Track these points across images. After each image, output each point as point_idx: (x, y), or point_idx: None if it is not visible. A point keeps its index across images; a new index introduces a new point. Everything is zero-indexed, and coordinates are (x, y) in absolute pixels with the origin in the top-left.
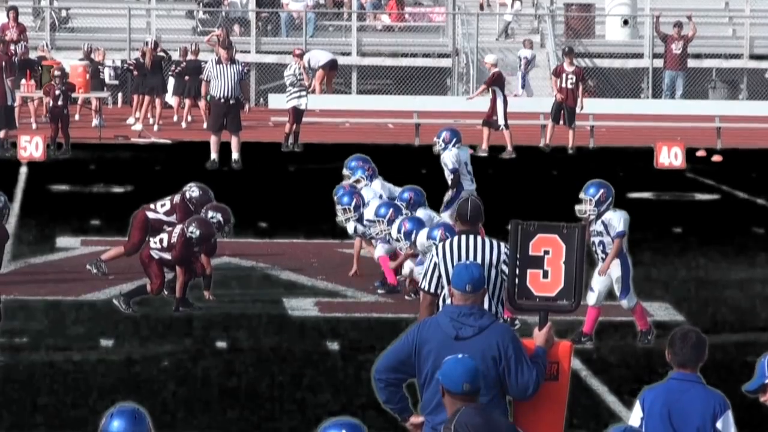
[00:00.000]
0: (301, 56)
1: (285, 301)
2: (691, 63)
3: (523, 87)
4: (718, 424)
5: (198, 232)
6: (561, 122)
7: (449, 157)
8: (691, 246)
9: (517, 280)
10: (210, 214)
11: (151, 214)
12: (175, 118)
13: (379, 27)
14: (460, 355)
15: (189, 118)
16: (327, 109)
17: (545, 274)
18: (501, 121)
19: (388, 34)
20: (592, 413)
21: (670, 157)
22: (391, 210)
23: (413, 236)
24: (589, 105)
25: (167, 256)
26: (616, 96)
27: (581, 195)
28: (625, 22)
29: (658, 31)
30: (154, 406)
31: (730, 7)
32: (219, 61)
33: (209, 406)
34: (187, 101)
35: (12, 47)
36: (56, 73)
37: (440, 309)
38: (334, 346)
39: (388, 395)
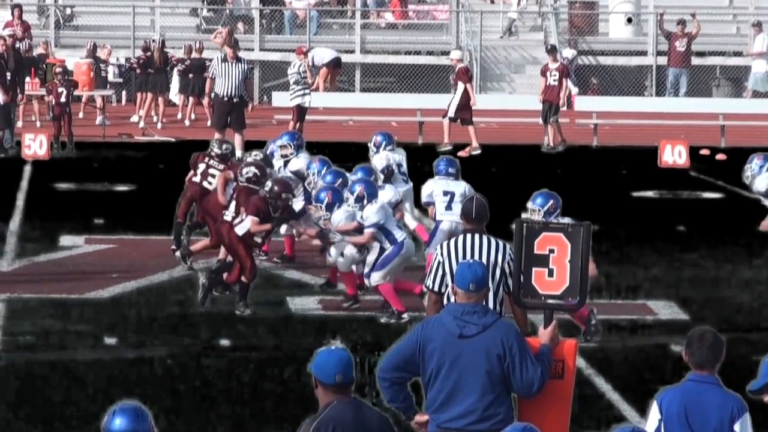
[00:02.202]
0: (305, 54)
1: (289, 300)
2: (695, 61)
3: (575, 85)
4: (736, 427)
5: (271, 186)
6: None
7: (378, 161)
8: (696, 245)
9: (522, 279)
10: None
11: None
12: (179, 116)
13: (382, 25)
14: (333, 346)
15: (193, 116)
16: (330, 107)
17: (550, 273)
18: (451, 114)
19: (391, 31)
20: (596, 412)
21: (674, 155)
22: (329, 193)
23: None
24: (593, 103)
25: (248, 224)
26: (619, 94)
27: (528, 204)
28: (629, 20)
29: (662, 29)
30: (158, 404)
31: (734, 5)
32: (225, 59)
33: (213, 405)
34: (191, 99)
35: (17, 45)
36: (58, 70)
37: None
38: (337, 343)
39: (392, 394)
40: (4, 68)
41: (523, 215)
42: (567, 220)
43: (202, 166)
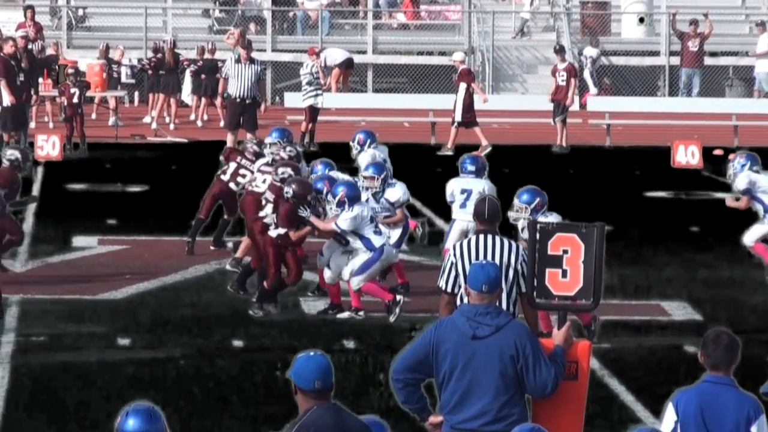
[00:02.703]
0: (317, 55)
1: (302, 301)
2: (708, 61)
3: (595, 85)
4: (753, 429)
5: (292, 190)
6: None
7: (364, 159)
8: (709, 245)
9: (536, 280)
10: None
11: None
12: (192, 117)
13: (394, 25)
14: (312, 353)
15: (205, 117)
16: (343, 108)
17: (564, 274)
18: (458, 118)
19: (403, 32)
20: (609, 413)
21: (687, 155)
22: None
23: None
24: (605, 103)
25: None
26: (632, 94)
27: (515, 201)
28: (641, 20)
29: (674, 29)
30: (171, 405)
31: (746, 5)
32: (238, 60)
33: (226, 406)
34: (204, 100)
35: (30, 46)
36: (70, 71)
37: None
38: (350, 345)
39: (406, 395)
40: (15, 69)
41: (509, 213)
42: (554, 216)
43: (233, 166)
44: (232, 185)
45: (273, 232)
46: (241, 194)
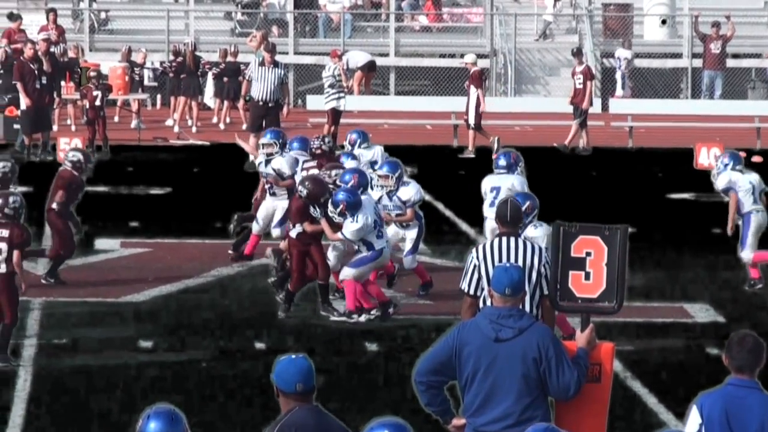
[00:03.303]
0: (339, 57)
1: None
2: (730, 63)
3: (623, 87)
4: None
5: (307, 190)
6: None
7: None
8: (732, 247)
9: (559, 282)
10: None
11: None
12: (215, 120)
13: (416, 28)
14: (294, 356)
15: (227, 120)
16: (365, 110)
17: (587, 276)
18: (471, 120)
19: (425, 34)
20: (632, 415)
21: (710, 157)
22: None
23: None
24: (628, 105)
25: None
26: (654, 96)
27: None
28: (663, 22)
29: (696, 31)
30: (193, 408)
31: None
32: (262, 63)
33: (248, 408)
34: (226, 103)
35: (52, 49)
36: (92, 75)
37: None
38: (373, 347)
39: (429, 398)
40: (34, 73)
41: None
42: (542, 228)
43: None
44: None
45: (293, 232)
46: None
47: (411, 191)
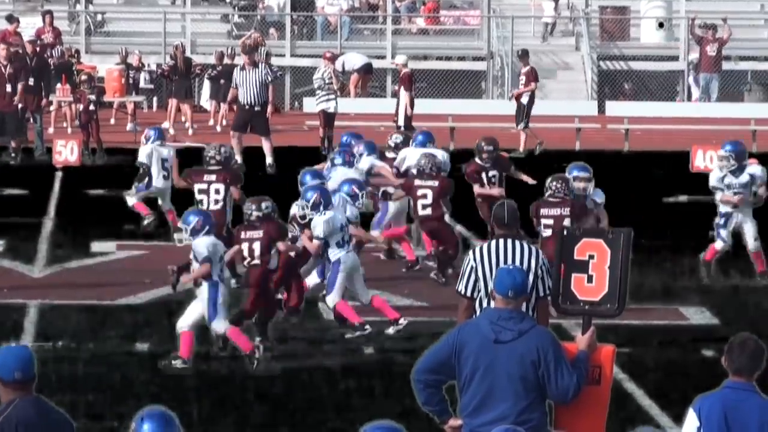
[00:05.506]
0: (331, 59)
1: (321, 305)
2: (726, 65)
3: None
4: None
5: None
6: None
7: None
8: (727, 250)
9: (561, 284)
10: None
11: None
12: (211, 122)
13: (413, 30)
14: (13, 344)
15: (224, 122)
16: (362, 113)
17: (590, 279)
18: (401, 122)
19: (423, 37)
20: (627, 417)
21: (706, 160)
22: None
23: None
24: (624, 108)
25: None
26: (651, 99)
27: None
28: (660, 25)
29: (693, 34)
30: (188, 411)
31: (765, 9)
32: (243, 67)
33: (245, 411)
34: (223, 105)
35: (48, 51)
36: (83, 78)
37: (476, 312)
38: (369, 350)
39: (427, 397)
40: (4, 76)
41: None
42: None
43: None
44: None
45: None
46: None
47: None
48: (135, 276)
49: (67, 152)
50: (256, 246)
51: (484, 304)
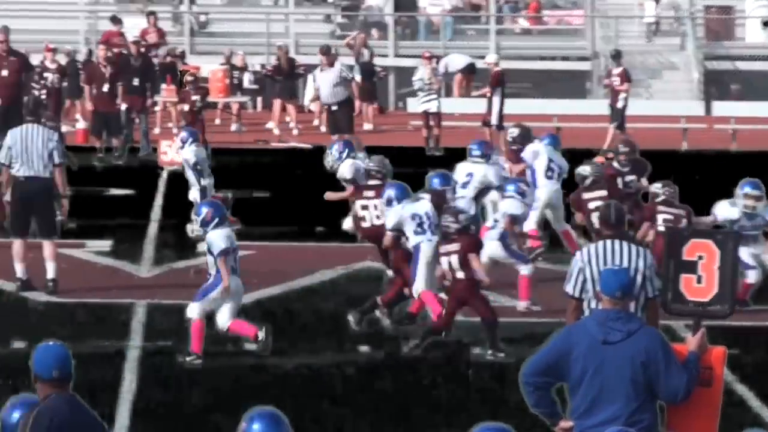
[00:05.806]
0: (430, 59)
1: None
2: None
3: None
4: None
5: None
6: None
7: (346, 168)
8: None
9: (670, 285)
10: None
11: None
12: (315, 122)
13: (517, 30)
14: (51, 342)
15: None
16: (466, 113)
17: (699, 279)
18: (494, 121)
19: (526, 37)
20: (738, 419)
21: None
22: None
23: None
24: (731, 108)
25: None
26: (758, 99)
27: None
28: (765, 24)
29: None
30: (294, 411)
31: None
32: (321, 69)
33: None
34: None
35: (152, 52)
36: (188, 78)
37: (584, 313)
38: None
39: (536, 399)
40: (104, 76)
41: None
42: None
43: None
44: None
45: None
46: None
47: (424, 207)
48: (242, 276)
49: (172, 152)
50: (454, 260)
51: (593, 305)
